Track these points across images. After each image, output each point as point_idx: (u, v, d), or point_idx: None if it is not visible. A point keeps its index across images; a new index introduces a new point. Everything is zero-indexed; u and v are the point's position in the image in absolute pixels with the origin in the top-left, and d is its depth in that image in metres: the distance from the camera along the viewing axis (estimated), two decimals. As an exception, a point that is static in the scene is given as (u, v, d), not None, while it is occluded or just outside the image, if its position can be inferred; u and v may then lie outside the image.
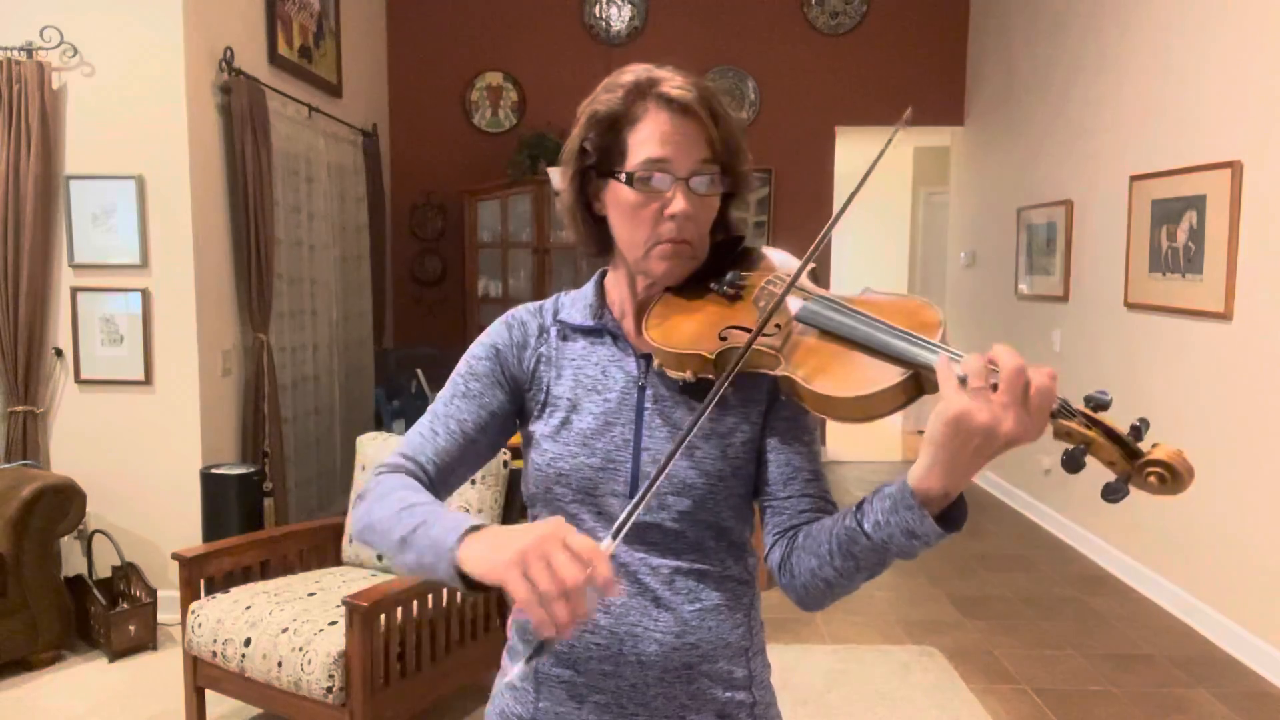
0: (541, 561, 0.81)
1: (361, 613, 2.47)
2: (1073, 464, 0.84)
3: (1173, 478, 0.81)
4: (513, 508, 3.04)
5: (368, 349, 5.69)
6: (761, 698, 1.16)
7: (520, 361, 1.16)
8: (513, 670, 1.10)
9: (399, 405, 5.17)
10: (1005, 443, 0.84)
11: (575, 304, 1.18)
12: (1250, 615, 3.51)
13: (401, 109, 6.46)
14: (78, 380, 3.70)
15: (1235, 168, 3.55)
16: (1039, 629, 3.82)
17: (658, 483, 0.91)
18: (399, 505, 1.00)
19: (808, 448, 1.12)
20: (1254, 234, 3.49)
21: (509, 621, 1.20)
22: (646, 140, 1.05)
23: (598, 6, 6.40)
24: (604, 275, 1.19)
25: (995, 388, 0.83)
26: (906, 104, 6.43)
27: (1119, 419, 0.84)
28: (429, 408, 1.17)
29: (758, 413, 1.12)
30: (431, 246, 6.51)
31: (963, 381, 0.84)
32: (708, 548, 1.11)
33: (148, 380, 3.69)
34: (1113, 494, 0.83)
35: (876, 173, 1.00)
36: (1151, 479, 0.82)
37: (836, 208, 6.91)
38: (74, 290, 3.66)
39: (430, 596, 2.74)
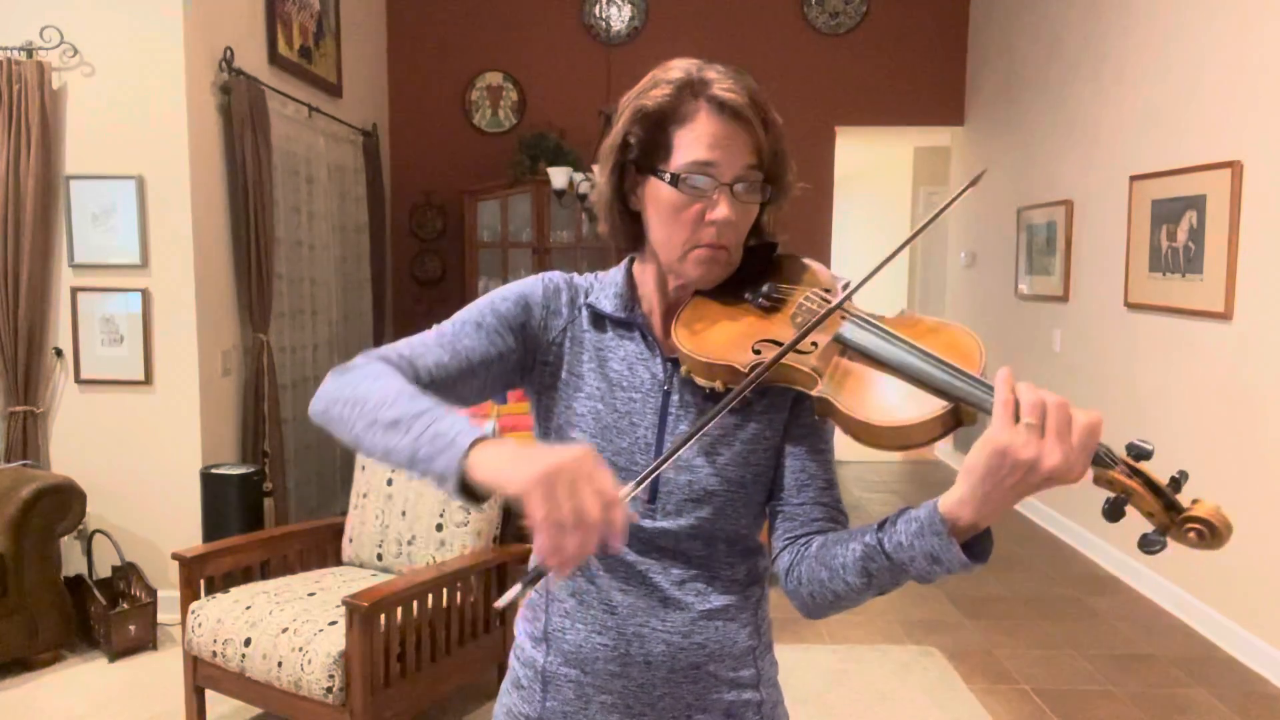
0: (568, 487, 0.78)
1: (361, 613, 2.47)
2: (1113, 513, 0.84)
3: (1212, 535, 0.81)
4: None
5: (368, 349, 5.68)
6: (769, 696, 1.15)
7: (546, 326, 1.13)
8: (508, 593, 0.91)
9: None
10: (1045, 478, 0.83)
11: (605, 290, 1.14)
12: (1250, 615, 3.51)
13: (401, 109, 6.46)
14: (78, 380, 3.70)
15: (1235, 168, 3.55)
16: (1039, 629, 3.82)
17: (680, 451, 0.93)
18: (401, 389, 0.94)
19: (823, 456, 1.11)
20: (1254, 234, 3.49)
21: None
22: (695, 142, 1.03)
23: (598, 6, 6.39)
24: (632, 262, 1.16)
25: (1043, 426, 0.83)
26: (906, 104, 6.47)
27: (1120, 420, 0.84)
28: (435, 325, 1.10)
29: (781, 420, 1.10)
30: (431, 246, 6.51)
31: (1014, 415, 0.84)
32: (719, 555, 1.10)
33: (148, 380, 3.69)
34: (1150, 545, 0.83)
35: (876, 172, 1.00)
36: (1191, 535, 0.82)
37: (837, 209, 6.92)
38: (74, 290, 3.66)
39: (430, 596, 2.74)
